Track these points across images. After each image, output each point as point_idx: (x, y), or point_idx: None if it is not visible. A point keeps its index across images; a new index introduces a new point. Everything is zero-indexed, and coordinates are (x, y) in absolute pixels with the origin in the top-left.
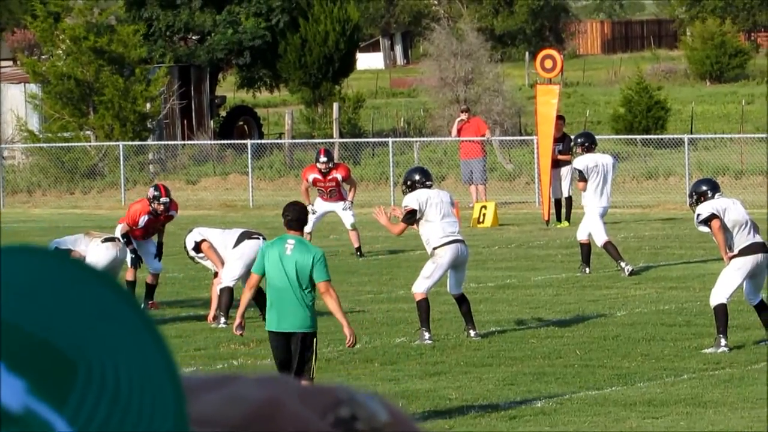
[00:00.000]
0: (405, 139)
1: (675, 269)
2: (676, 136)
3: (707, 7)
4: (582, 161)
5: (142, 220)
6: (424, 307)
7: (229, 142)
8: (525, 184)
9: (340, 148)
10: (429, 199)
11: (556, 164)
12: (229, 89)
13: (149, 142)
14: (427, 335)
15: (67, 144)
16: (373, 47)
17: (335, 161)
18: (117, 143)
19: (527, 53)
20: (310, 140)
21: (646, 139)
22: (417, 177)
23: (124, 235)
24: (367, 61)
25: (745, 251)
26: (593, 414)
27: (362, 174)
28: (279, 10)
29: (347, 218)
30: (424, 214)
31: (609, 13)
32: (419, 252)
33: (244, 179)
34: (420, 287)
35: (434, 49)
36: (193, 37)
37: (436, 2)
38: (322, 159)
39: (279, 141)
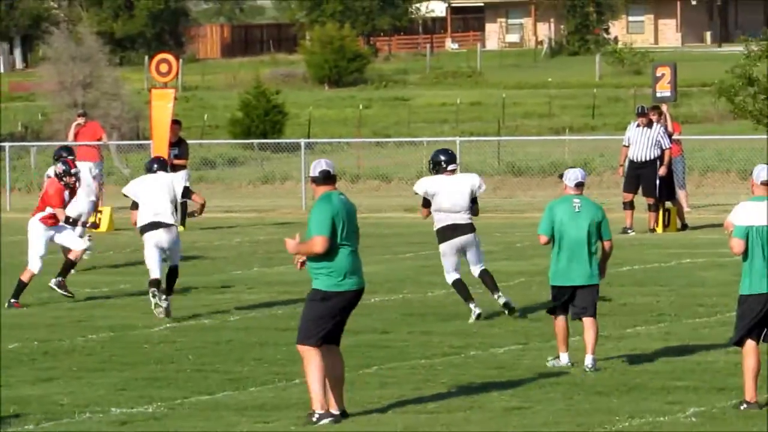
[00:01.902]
0: (22, 143)
1: (288, 274)
2: (293, 140)
3: (326, 12)
4: None
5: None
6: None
7: None
8: None
9: None
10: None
11: (173, 169)
12: None
13: None
14: None
15: None
16: None
17: None
18: None
19: (146, 57)
20: None
21: (263, 143)
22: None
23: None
24: None
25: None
26: (205, 419)
27: None
28: None
29: None
30: None
31: (229, 17)
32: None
33: None
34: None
35: (53, 52)
36: None
37: (56, 6)
38: None
39: None
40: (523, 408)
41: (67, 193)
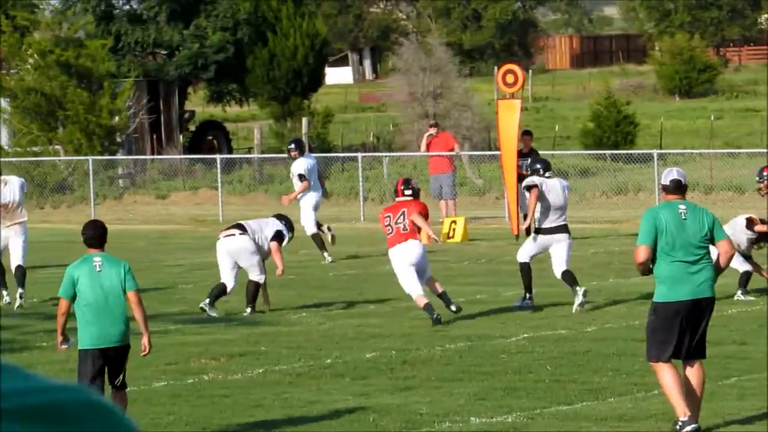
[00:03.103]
0: (374, 154)
1: (645, 285)
2: (645, 151)
3: (675, 22)
4: None
5: None
6: None
7: (198, 156)
8: (495, 199)
9: None
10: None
11: (521, 179)
12: (199, 104)
13: (118, 156)
14: None
15: (36, 158)
16: (342, 62)
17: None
18: (86, 158)
19: (495, 68)
20: (279, 155)
21: (616, 154)
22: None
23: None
24: (336, 75)
25: (550, 230)
26: (565, 429)
27: (332, 189)
28: (245, 23)
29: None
30: None
31: (578, 28)
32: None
33: (214, 194)
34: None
35: (403, 63)
36: (163, 52)
37: (404, 17)
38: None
39: (248, 156)
40: None
41: None
